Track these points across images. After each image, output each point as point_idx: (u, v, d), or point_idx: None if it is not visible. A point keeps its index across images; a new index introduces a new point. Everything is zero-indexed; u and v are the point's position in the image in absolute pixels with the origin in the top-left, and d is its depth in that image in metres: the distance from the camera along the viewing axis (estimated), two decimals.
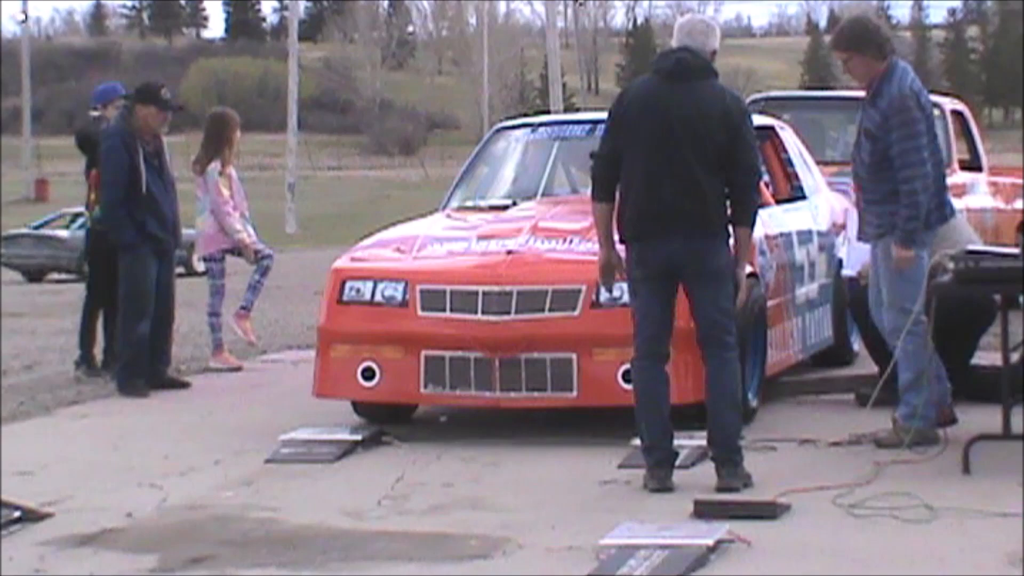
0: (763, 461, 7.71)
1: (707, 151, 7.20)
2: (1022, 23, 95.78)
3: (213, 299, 11.95)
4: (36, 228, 34.29)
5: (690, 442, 7.91)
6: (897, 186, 7.95)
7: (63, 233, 32.50)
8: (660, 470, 7.21)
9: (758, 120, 11.29)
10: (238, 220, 11.81)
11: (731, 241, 7.35)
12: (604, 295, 8.37)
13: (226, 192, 11.77)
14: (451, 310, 8.53)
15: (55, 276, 30.99)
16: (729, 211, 7.30)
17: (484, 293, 8.49)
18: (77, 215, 36.44)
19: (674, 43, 7.45)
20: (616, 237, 7.39)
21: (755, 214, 7.44)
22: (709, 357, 7.32)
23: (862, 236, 8.37)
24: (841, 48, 8.20)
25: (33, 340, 14.71)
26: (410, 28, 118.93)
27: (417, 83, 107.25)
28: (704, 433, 7.57)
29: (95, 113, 11.59)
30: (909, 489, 6.91)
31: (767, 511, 6.60)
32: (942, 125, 13.97)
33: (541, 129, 10.85)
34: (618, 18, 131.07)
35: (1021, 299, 13.48)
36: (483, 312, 8.46)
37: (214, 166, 11.81)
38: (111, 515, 6.96)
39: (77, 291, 11.94)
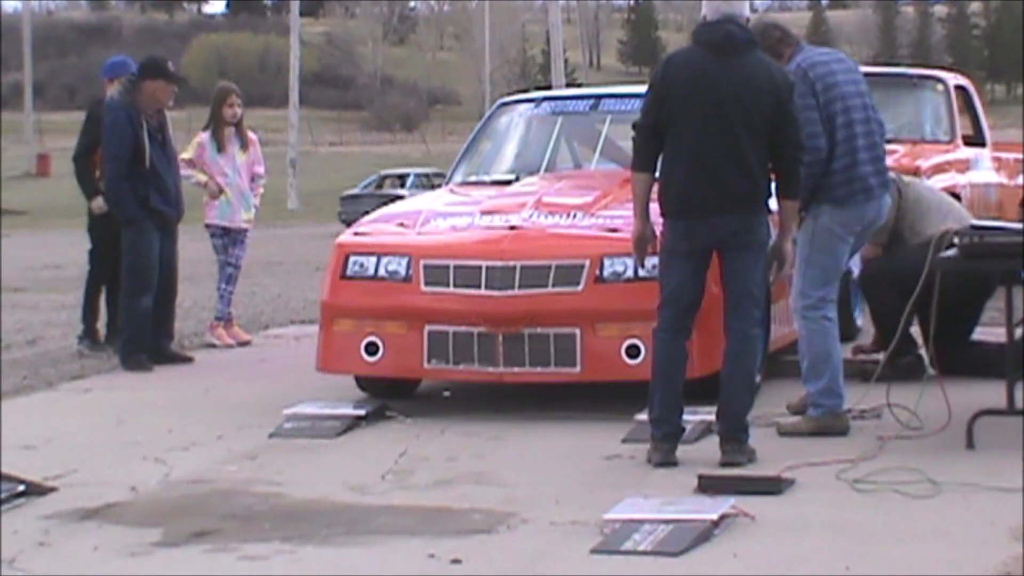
0: (767, 436, 7.71)
1: (756, 126, 7.17)
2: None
3: (219, 274, 11.96)
4: (364, 188, 40.25)
5: (694, 417, 7.91)
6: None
7: (403, 192, 36.35)
8: (666, 444, 7.20)
9: None
10: (186, 168, 11.72)
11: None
12: (607, 270, 8.36)
13: (188, 155, 11.75)
14: (454, 285, 8.52)
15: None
16: (774, 185, 7.30)
17: (487, 268, 8.48)
18: (404, 175, 40.15)
19: (708, 13, 7.34)
20: (655, 210, 7.34)
21: (800, 188, 7.42)
22: (733, 331, 7.28)
23: None
24: None
25: (36, 315, 14.71)
26: (411, 3, 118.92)
27: (418, 59, 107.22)
28: (708, 408, 7.58)
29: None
30: (913, 464, 6.90)
31: (771, 486, 6.60)
32: (945, 100, 13.98)
33: (544, 104, 10.85)
34: None
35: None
36: (486, 287, 8.45)
37: (201, 137, 11.85)
38: (115, 489, 6.97)
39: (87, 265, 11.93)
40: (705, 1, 7.42)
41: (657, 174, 7.33)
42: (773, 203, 7.42)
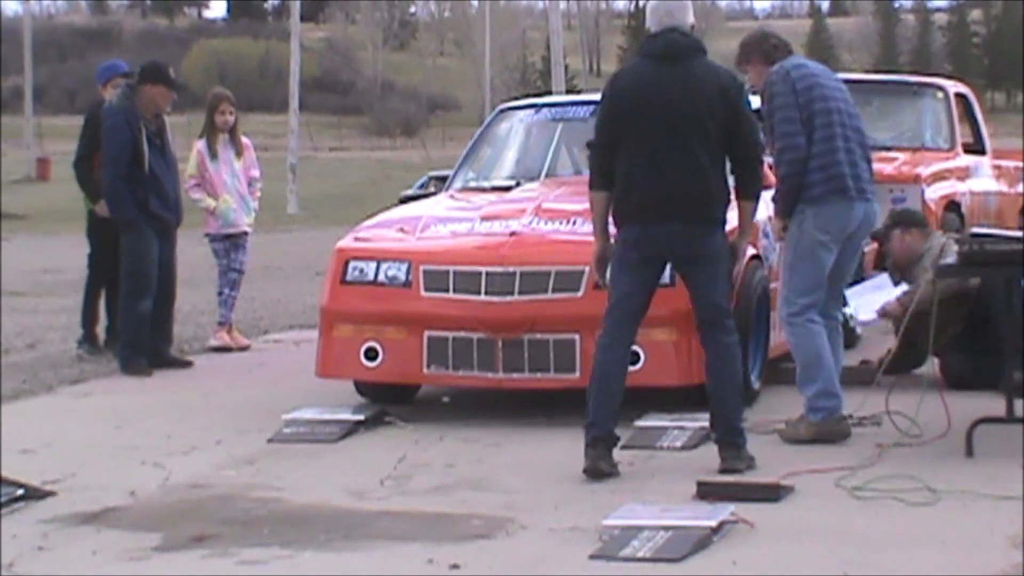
0: (766, 443, 7.71)
1: (709, 131, 7.18)
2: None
3: (219, 279, 11.97)
4: (418, 188, 40.05)
5: (693, 424, 7.92)
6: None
7: None
8: (595, 449, 7.10)
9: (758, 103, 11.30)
10: (196, 190, 11.77)
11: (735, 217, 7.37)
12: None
13: (193, 171, 11.78)
14: (454, 291, 8.52)
15: None
16: (733, 187, 7.31)
17: (487, 274, 8.48)
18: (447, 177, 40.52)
19: (652, 26, 7.35)
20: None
21: (759, 188, 7.44)
22: (708, 342, 7.28)
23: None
24: (737, 63, 8.22)
25: (35, 318, 14.69)
26: (412, 9, 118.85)
27: (419, 64, 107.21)
28: (707, 414, 7.56)
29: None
30: (912, 471, 6.91)
31: (770, 493, 6.60)
32: (946, 108, 13.99)
33: (544, 110, 10.86)
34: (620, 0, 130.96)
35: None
36: (486, 293, 8.46)
37: (198, 145, 11.86)
38: (114, 493, 6.97)
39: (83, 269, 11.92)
40: (649, 13, 7.40)
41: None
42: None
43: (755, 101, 8.06)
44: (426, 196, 10.71)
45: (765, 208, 8.46)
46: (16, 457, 7.73)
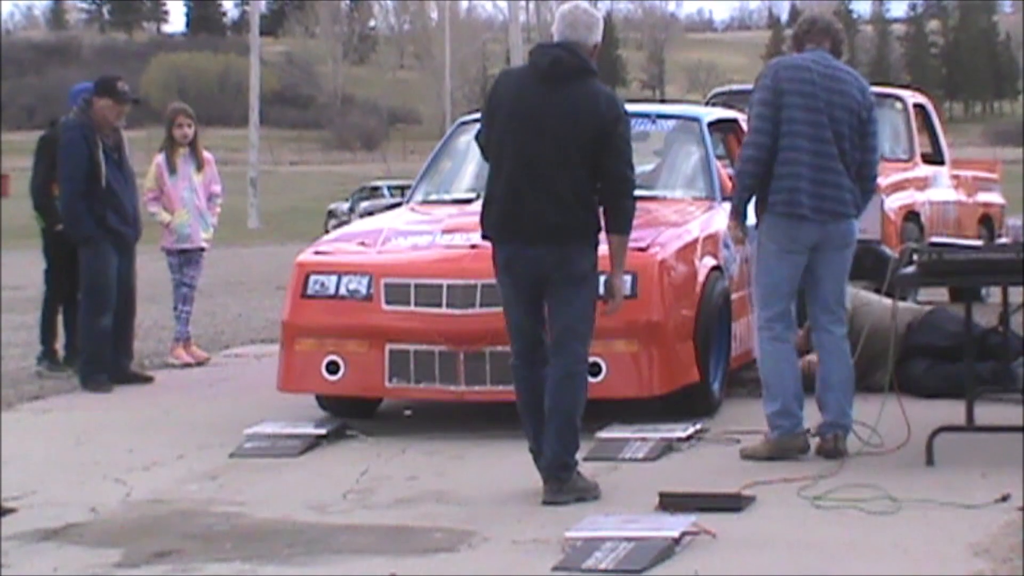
0: (728, 454, 7.72)
1: (572, 158, 6.84)
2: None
3: (174, 294, 11.93)
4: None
5: (655, 435, 7.94)
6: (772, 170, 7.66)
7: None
8: (551, 483, 6.92)
9: (722, 113, 11.34)
10: (153, 204, 11.76)
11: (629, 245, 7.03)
12: None
13: (151, 184, 11.77)
14: (416, 304, 8.52)
15: None
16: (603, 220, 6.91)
17: (449, 286, 8.48)
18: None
19: (555, 34, 7.04)
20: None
21: (629, 222, 6.94)
22: (554, 367, 6.93)
23: None
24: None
25: None
26: (372, 23, 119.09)
27: (379, 78, 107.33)
28: (669, 425, 7.58)
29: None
30: (873, 481, 6.93)
31: (732, 503, 6.61)
32: (904, 118, 14.07)
33: None
34: None
35: (983, 292, 13.66)
36: (448, 305, 8.46)
37: (158, 159, 11.83)
38: (75, 510, 6.94)
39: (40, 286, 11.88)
40: (556, 18, 7.08)
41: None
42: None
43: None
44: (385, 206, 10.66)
45: (726, 217, 8.46)
46: None
